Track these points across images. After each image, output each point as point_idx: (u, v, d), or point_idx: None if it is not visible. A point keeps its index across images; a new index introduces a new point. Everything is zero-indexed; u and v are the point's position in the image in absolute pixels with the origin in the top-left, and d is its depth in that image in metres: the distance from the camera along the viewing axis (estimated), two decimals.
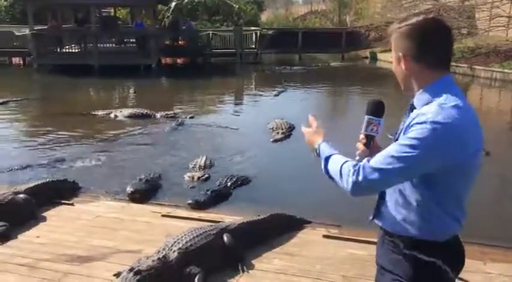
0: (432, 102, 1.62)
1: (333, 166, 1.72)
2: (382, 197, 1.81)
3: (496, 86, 17.09)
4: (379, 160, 1.60)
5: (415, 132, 1.56)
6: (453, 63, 19.75)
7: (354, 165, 1.63)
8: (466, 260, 3.80)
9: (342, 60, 25.27)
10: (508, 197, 6.18)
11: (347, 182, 1.63)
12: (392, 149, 1.60)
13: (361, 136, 1.81)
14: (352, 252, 3.96)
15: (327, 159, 1.76)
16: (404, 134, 1.62)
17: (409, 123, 1.62)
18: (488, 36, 21.06)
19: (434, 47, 1.66)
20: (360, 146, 1.80)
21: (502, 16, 18.41)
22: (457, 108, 1.58)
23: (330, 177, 1.74)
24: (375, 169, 1.59)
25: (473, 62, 18.95)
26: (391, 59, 1.88)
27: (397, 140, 1.68)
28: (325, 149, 1.81)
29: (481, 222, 4.85)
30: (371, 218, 1.88)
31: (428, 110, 1.58)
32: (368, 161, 1.63)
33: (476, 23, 21.31)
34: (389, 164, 1.57)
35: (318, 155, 1.84)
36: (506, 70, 17.12)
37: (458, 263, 1.80)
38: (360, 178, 1.60)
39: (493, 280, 3.55)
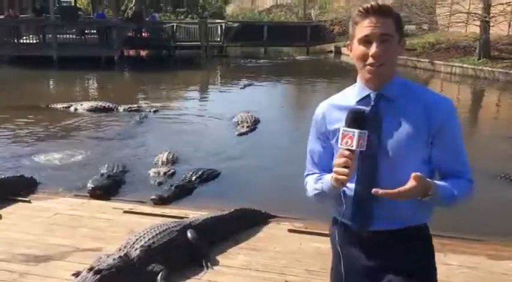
0: (410, 87, 1.71)
1: (462, 194, 1.69)
2: (372, 201, 1.67)
3: (456, 81, 17.56)
4: (463, 159, 1.73)
5: (453, 116, 1.70)
6: (414, 58, 20.27)
7: (466, 179, 1.72)
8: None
9: (307, 54, 25.39)
10: None
11: (472, 189, 1.73)
12: (459, 147, 1.72)
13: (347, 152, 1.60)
14: (317, 246, 3.97)
15: (457, 195, 1.68)
16: (429, 126, 1.64)
17: (425, 111, 1.64)
18: (448, 31, 21.62)
19: None
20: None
21: (461, 12, 18.88)
22: None
23: (453, 205, 1.72)
24: (468, 167, 1.74)
25: (434, 57, 19.39)
26: None
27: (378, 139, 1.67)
28: (443, 186, 1.66)
29: (441, 214, 4.96)
30: (362, 228, 1.74)
31: (434, 94, 1.73)
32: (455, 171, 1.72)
33: (437, 18, 21.80)
34: (466, 156, 1.74)
35: (439, 197, 1.63)
36: (465, 65, 17.61)
37: None
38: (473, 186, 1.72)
39: (453, 271, 3.62)
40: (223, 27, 23.12)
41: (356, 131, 1.56)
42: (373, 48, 1.59)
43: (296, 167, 2.36)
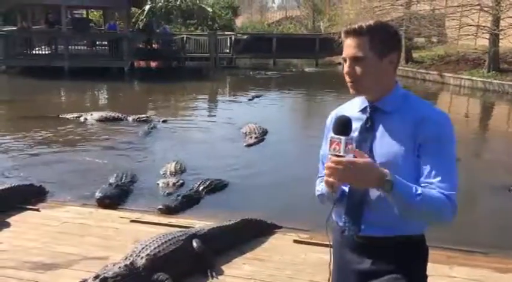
0: (420, 103, 1.73)
1: (428, 199, 1.58)
2: (364, 206, 1.72)
3: (465, 94, 17.52)
4: (449, 178, 1.62)
5: (444, 130, 1.66)
6: (423, 71, 20.29)
7: (439, 192, 1.60)
8: (432, 265, 3.85)
9: (315, 66, 25.51)
10: (473, 202, 6.32)
11: (453, 211, 1.61)
12: (446, 163, 1.63)
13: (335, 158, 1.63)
14: (322, 257, 3.95)
15: (420, 194, 1.59)
16: (414, 139, 1.64)
17: (416, 125, 1.65)
18: (457, 44, 21.60)
19: (400, 51, 1.79)
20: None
21: (470, 25, 18.90)
22: None
23: (415, 209, 1.59)
24: (452, 180, 1.63)
25: (443, 70, 19.40)
26: None
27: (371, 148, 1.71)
28: (404, 183, 1.59)
29: (447, 227, 4.94)
30: (352, 233, 1.78)
31: (431, 109, 1.71)
32: (432, 183, 1.63)
33: (446, 31, 21.82)
34: (455, 174, 1.65)
35: (393, 189, 1.57)
36: (474, 78, 17.58)
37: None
38: (454, 199, 1.61)
39: None
40: (233, 39, 23.35)
41: (342, 138, 1.60)
42: (345, 67, 1.72)
43: (303, 178, 2.39)
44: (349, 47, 1.69)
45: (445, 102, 16.85)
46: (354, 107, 1.83)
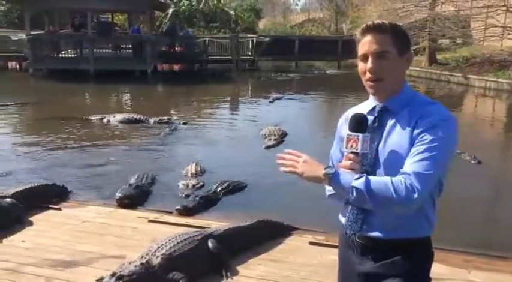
0: (424, 103, 1.70)
1: (378, 186, 1.59)
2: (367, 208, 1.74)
3: (490, 95, 17.17)
4: (421, 166, 1.58)
5: (440, 130, 1.60)
6: (447, 72, 19.99)
7: (404, 178, 1.58)
8: (451, 268, 3.80)
9: (338, 68, 25.37)
10: (493, 205, 6.20)
11: (409, 198, 1.56)
12: (428, 154, 1.59)
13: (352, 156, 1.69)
14: (335, 259, 3.95)
15: (368, 182, 1.60)
16: (412, 138, 1.63)
17: (415, 125, 1.63)
18: (483, 45, 21.22)
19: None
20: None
21: (496, 26, 18.55)
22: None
23: (369, 200, 1.60)
24: (426, 175, 1.58)
25: (467, 71, 19.07)
26: None
27: (377, 148, 1.71)
28: (347, 175, 1.64)
29: (466, 230, 4.87)
30: (352, 232, 1.79)
31: (433, 108, 1.66)
32: (404, 172, 1.61)
33: (471, 32, 21.45)
34: (435, 168, 1.59)
35: (332, 182, 1.65)
36: (500, 79, 17.23)
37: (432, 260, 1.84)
38: (420, 188, 1.56)
39: None
40: (255, 41, 23.41)
41: (360, 135, 1.65)
42: (368, 64, 1.69)
43: None
44: (371, 43, 1.68)
45: (470, 105, 16.57)
46: (362, 108, 1.84)
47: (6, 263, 3.79)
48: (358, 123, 1.68)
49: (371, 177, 1.61)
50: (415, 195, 1.56)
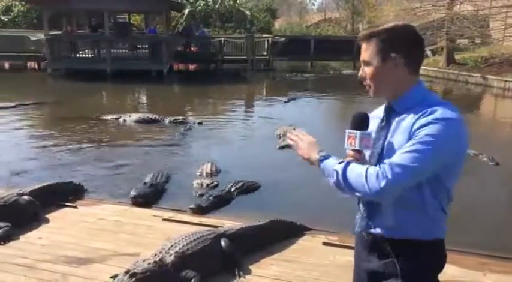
0: (427, 104, 1.68)
1: (354, 173, 1.64)
2: (374, 205, 1.77)
3: (509, 96, 16.91)
4: (403, 158, 1.59)
5: (431, 129, 1.60)
6: (465, 73, 19.72)
7: (379, 167, 1.61)
8: (465, 270, 3.75)
9: (353, 68, 25.22)
10: (511, 207, 6.11)
11: (377, 185, 1.58)
12: (412, 147, 1.60)
13: (351, 152, 1.75)
14: (350, 259, 3.92)
15: (345, 168, 1.66)
16: (410, 136, 1.64)
17: (412, 125, 1.64)
18: (502, 45, 20.89)
19: (418, 52, 1.77)
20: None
21: None
22: (454, 108, 1.69)
23: (344, 185, 1.66)
24: (404, 167, 1.58)
25: (486, 72, 18.80)
26: None
27: (382, 147, 1.72)
28: (331, 160, 1.73)
29: (482, 233, 4.81)
30: (359, 229, 1.84)
31: (433, 109, 1.64)
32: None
33: (490, 32, 21.14)
34: (414, 161, 1.58)
35: (320, 165, 1.75)
36: None
37: (442, 265, 1.83)
38: (390, 177, 1.57)
39: None
40: (270, 41, 23.40)
41: (358, 132, 1.72)
42: (360, 71, 1.81)
43: None
44: (361, 51, 1.78)
45: (489, 106, 16.33)
46: (380, 109, 1.89)
47: (23, 259, 3.86)
48: (357, 122, 1.75)
49: (352, 164, 1.67)
50: (382, 183, 1.57)
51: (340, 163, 1.68)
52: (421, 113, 1.65)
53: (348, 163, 1.67)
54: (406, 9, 21.86)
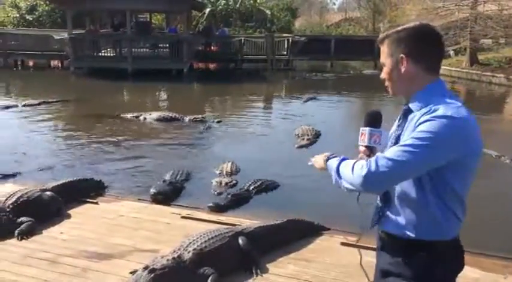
0: (434, 102, 1.68)
1: (345, 168, 1.71)
2: (386, 201, 1.81)
3: None
4: (392, 152, 1.61)
5: (427, 126, 1.60)
6: (489, 73, 19.36)
7: (367, 160, 1.65)
8: (486, 273, 3.70)
9: (374, 68, 25.00)
10: None
11: (359, 176, 1.61)
12: (406, 142, 1.61)
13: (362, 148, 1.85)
14: (369, 260, 3.90)
15: (339, 164, 1.75)
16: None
17: (416, 122, 1.65)
18: None
19: (432, 51, 1.76)
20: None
21: None
22: (463, 108, 1.66)
23: (338, 178, 1.74)
24: (389, 159, 1.59)
25: (510, 72, 18.44)
26: None
27: (395, 144, 1.72)
28: (333, 160, 1.82)
29: (503, 236, 4.73)
30: (371, 225, 1.88)
31: (436, 107, 1.64)
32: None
33: None
34: (403, 156, 1.58)
35: (326, 165, 1.85)
36: None
37: (458, 265, 1.81)
38: (373, 168, 1.59)
39: None
40: (290, 41, 23.35)
41: (367, 129, 1.80)
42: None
43: None
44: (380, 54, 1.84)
45: None
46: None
47: (45, 253, 3.95)
48: (369, 119, 1.83)
49: (348, 160, 1.75)
50: (363, 172, 1.60)
51: (338, 161, 1.76)
52: (425, 111, 1.66)
53: (344, 159, 1.75)
54: (429, 8, 21.57)
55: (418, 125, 1.62)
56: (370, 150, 1.80)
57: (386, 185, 1.66)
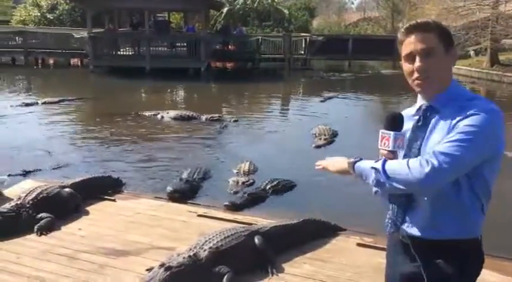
0: (465, 98, 1.67)
1: (395, 166, 1.61)
2: (408, 203, 1.75)
3: None
4: (445, 148, 1.56)
5: (474, 120, 1.57)
6: (510, 74, 18.99)
7: (422, 157, 1.59)
8: (507, 277, 3.63)
9: (393, 68, 24.77)
10: None
11: (421, 173, 1.53)
12: (455, 138, 1.57)
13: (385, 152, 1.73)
14: (385, 261, 3.88)
15: (384, 162, 1.64)
16: (449, 131, 1.61)
17: (453, 119, 1.61)
18: None
19: None
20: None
21: None
22: (492, 101, 1.67)
23: (386, 180, 1.61)
24: (447, 155, 1.54)
25: None
26: None
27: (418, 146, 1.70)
28: (367, 161, 1.71)
29: None
30: (392, 230, 1.81)
31: (474, 102, 1.63)
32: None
33: None
34: (458, 151, 1.55)
35: (354, 169, 1.73)
36: None
37: (481, 266, 1.78)
38: (436, 165, 1.53)
39: None
40: (308, 40, 23.27)
41: (392, 133, 1.69)
42: (416, 63, 1.68)
43: None
44: (418, 42, 1.68)
45: None
46: (412, 109, 1.85)
47: (64, 249, 4.01)
48: (391, 122, 1.72)
49: (390, 161, 1.65)
50: (427, 169, 1.53)
51: (377, 161, 1.67)
52: (460, 109, 1.63)
53: (386, 160, 1.66)
54: (449, 8, 21.26)
55: (460, 121, 1.59)
56: (393, 155, 1.71)
57: (446, 181, 1.60)
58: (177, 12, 31.02)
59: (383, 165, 1.63)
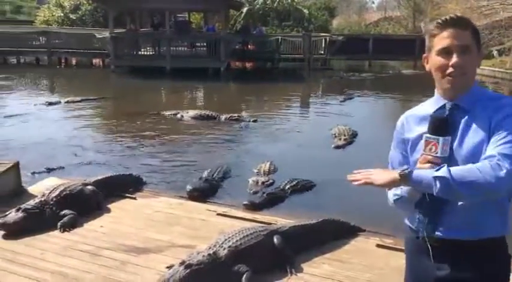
0: (485, 97, 1.68)
1: (463, 172, 1.53)
2: (440, 206, 1.69)
3: None
4: (506, 149, 1.52)
5: None
6: None
7: (489, 160, 1.53)
8: None
9: (414, 68, 24.49)
10: None
11: (496, 177, 1.48)
12: (509, 138, 1.54)
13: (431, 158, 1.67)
14: (404, 263, 3.85)
15: (449, 170, 1.55)
16: (491, 131, 1.59)
17: (488, 117, 1.60)
18: None
19: None
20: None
21: None
22: None
23: (458, 187, 1.52)
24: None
25: None
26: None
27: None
28: (427, 170, 1.61)
29: None
30: (422, 235, 1.75)
31: (507, 100, 1.64)
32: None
33: None
34: None
35: (412, 179, 1.62)
36: None
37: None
38: (508, 165, 1.49)
39: None
40: (328, 40, 23.17)
41: (440, 138, 1.63)
42: (454, 59, 1.64)
43: None
44: (455, 37, 1.65)
45: None
46: (425, 108, 1.81)
47: (86, 245, 4.08)
48: (439, 126, 1.65)
49: (451, 167, 1.56)
50: (502, 173, 1.48)
51: (439, 169, 1.56)
52: (494, 109, 1.61)
53: (448, 167, 1.57)
54: (472, 7, 20.94)
55: (503, 120, 1.57)
56: (441, 161, 1.63)
57: None
58: (197, 12, 31.19)
59: (449, 172, 1.53)
